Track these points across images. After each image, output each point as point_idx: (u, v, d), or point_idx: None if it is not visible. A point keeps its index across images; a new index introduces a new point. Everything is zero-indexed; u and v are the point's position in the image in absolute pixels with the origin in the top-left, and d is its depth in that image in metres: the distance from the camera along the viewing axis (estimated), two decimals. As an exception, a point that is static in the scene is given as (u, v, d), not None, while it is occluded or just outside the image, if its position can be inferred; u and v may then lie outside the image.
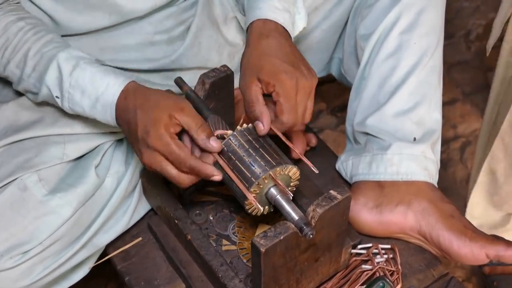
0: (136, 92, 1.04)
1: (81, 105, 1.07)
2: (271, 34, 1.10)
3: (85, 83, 1.05)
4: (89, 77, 1.05)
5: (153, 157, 1.01)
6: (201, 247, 1.13)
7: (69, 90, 1.06)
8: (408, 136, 1.25)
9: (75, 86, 1.06)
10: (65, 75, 1.06)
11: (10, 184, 1.08)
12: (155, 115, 1.00)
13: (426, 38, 1.25)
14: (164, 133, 0.99)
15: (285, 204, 1.01)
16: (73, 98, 1.07)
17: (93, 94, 1.05)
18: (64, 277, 1.17)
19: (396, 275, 1.18)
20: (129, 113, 1.03)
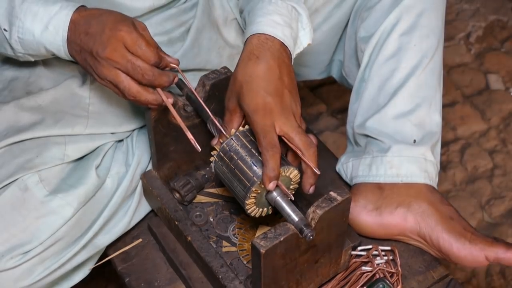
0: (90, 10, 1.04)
1: (32, 31, 1.05)
2: (262, 55, 1.04)
3: (38, 7, 1.04)
4: (42, 2, 1.04)
5: (109, 70, 1.01)
6: (201, 249, 1.13)
7: (20, 17, 1.04)
8: (408, 138, 1.25)
9: (27, 12, 1.04)
10: (18, 3, 1.04)
11: (11, 185, 1.08)
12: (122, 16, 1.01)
13: (426, 40, 1.25)
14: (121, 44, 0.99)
15: (285, 206, 1.01)
16: (24, 25, 1.04)
17: (45, 15, 1.03)
18: (65, 278, 1.17)
19: (396, 277, 1.18)
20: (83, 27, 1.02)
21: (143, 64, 1.00)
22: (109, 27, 1.00)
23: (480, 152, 2.07)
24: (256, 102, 1.01)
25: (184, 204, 1.23)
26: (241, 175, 1.01)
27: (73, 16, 1.03)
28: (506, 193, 1.95)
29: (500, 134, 2.13)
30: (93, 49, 1.01)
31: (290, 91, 1.05)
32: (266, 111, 1.00)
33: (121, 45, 1.00)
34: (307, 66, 1.50)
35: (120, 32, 1.00)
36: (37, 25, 1.04)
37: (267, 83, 1.02)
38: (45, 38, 1.05)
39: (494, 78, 2.34)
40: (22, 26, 1.05)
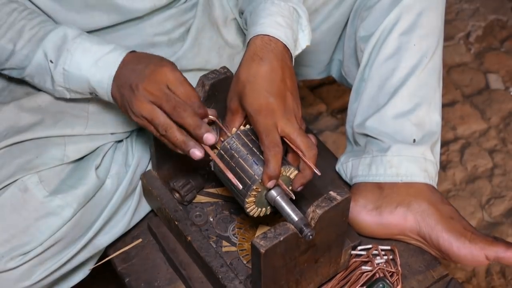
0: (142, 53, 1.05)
1: (79, 64, 1.05)
2: (265, 57, 1.05)
3: (91, 44, 1.06)
4: (96, 41, 1.06)
5: (145, 104, 1.00)
6: (201, 249, 1.13)
7: (71, 50, 1.05)
8: (408, 137, 1.25)
9: (79, 46, 1.05)
10: (70, 37, 1.06)
11: (10, 185, 1.08)
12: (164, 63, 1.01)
13: (426, 40, 1.25)
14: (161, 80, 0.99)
15: (285, 205, 1.01)
16: (73, 57, 1.05)
17: (98, 52, 1.05)
18: (65, 278, 1.17)
19: (396, 276, 1.18)
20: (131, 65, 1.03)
21: (179, 99, 0.99)
22: (153, 63, 1.01)
23: (480, 151, 2.07)
24: (259, 102, 1.01)
25: (184, 204, 1.23)
26: (242, 174, 1.01)
27: (126, 56, 1.04)
28: (506, 193, 1.95)
29: (500, 134, 2.13)
30: (133, 82, 1.01)
31: (292, 93, 1.05)
32: (268, 111, 1.01)
33: (161, 78, 0.99)
34: (307, 66, 1.50)
35: (163, 68, 1.00)
36: (87, 59, 1.05)
37: (270, 84, 1.03)
38: (92, 73, 1.05)
39: (493, 77, 2.34)
40: (71, 59, 1.06)
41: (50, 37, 1.06)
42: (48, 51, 1.07)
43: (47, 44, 1.06)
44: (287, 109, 1.03)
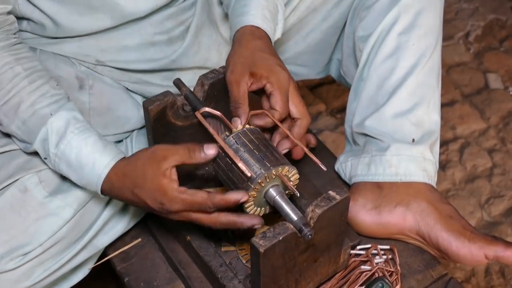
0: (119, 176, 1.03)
1: (68, 175, 1.07)
2: (262, 38, 1.15)
3: (70, 158, 1.05)
4: (74, 153, 1.04)
5: (182, 217, 1.02)
6: (200, 248, 1.13)
7: (55, 159, 1.06)
8: (407, 137, 1.25)
9: (61, 157, 1.05)
10: (52, 146, 1.05)
11: (10, 186, 1.08)
12: (153, 186, 0.99)
13: (425, 39, 1.25)
14: (174, 194, 0.98)
15: (284, 205, 1.01)
16: (60, 167, 1.06)
17: (78, 170, 1.05)
18: (64, 278, 1.17)
19: (395, 276, 1.18)
20: (125, 193, 1.03)
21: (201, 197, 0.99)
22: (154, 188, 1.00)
23: (479, 151, 2.07)
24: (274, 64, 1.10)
25: (183, 204, 1.23)
26: (241, 173, 1.01)
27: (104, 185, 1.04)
28: (505, 192, 1.95)
29: (499, 133, 2.13)
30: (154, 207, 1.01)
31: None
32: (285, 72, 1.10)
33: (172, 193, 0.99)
34: (306, 66, 1.50)
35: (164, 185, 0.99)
36: (72, 174, 1.07)
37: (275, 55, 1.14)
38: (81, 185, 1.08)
39: (493, 77, 2.34)
40: (58, 168, 1.07)
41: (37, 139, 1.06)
42: (39, 149, 1.07)
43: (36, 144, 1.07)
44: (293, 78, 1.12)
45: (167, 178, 0.98)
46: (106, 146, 1.05)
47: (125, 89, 1.29)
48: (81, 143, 1.04)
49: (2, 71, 1.06)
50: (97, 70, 1.25)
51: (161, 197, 0.99)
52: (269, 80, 1.07)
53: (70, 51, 1.21)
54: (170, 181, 0.98)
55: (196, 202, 0.98)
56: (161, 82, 1.29)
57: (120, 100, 1.25)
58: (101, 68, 1.25)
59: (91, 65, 1.24)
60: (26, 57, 1.09)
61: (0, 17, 1.08)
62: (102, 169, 1.03)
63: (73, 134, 1.05)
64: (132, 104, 1.27)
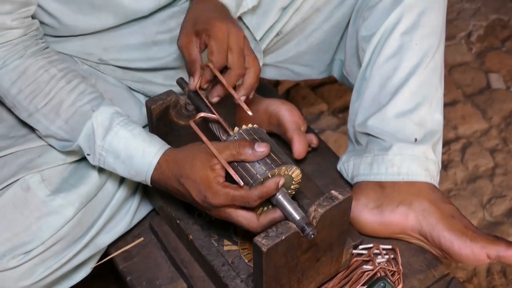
0: (169, 163, 1.04)
1: (114, 168, 1.08)
2: (212, 1, 1.14)
3: (119, 149, 1.06)
4: (123, 144, 1.06)
5: (222, 212, 1.03)
6: (202, 247, 1.13)
7: (102, 153, 1.07)
8: (409, 137, 1.25)
9: (109, 150, 1.07)
10: (98, 139, 1.06)
11: (13, 184, 1.08)
12: (200, 177, 1.00)
13: (428, 39, 1.25)
14: (218, 189, 0.99)
15: (287, 204, 1.01)
16: (106, 160, 1.08)
17: (127, 161, 1.06)
18: (66, 277, 1.17)
19: (397, 276, 1.18)
20: (174, 184, 1.04)
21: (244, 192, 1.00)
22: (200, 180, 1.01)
23: (481, 151, 2.07)
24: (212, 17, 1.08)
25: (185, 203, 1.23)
26: (244, 172, 1.01)
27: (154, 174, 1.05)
28: (507, 192, 1.95)
29: (501, 133, 2.13)
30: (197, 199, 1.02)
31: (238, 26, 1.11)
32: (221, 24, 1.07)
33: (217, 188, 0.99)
34: (308, 66, 1.50)
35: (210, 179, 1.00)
36: (119, 165, 1.08)
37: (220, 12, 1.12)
38: (129, 177, 1.09)
39: (495, 77, 2.34)
40: (104, 161, 1.08)
41: (83, 133, 1.07)
42: (83, 146, 1.09)
43: (81, 140, 1.08)
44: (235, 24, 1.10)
45: (214, 172, 0.99)
46: (152, 137, 1.08)
47: (127, 88, 1.29)
48: (128, 134, 1.06)
49: (38, 74, 1.08)
50: (100, 69, 1.25)
51: (205, 189, 0.99)
52: (207, 33, 1.06)
53: (73, 50, 1.22)
54: (217, 175, 1.00)
55: (239, 195, 0.99)
56: (163, 81, 1.29)
57: (123, 99, 1.25)
58: (104, 67, 1.25)
59: (93, 64, 1.24)
60: (57, 60, 1.12)
61: (27, 21, 1.09)
62: (152, 157, 1.05)
63: (119, 126, 1.06)
64: (135, 103, 1.28)
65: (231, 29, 1.07)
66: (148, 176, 1.06)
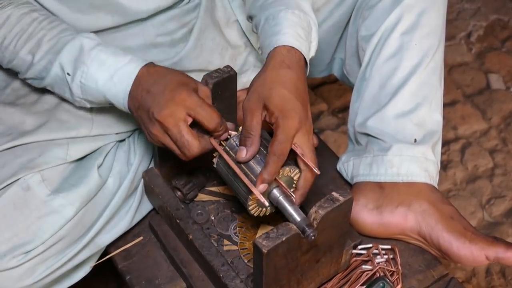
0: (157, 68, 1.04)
1: (95, 78, 1.06)
2: (293, 67, 1.07)
3: (106, 56, 1.05)
4: (111, 52, 1.06)
5: (161, 134, 1.02)
6: (202, 247, 1.13)
7: (87, 62, 1.06)
8: (409, 137, 1.25)
9: (95, 58, 1.05)
10: (86, 49, 1.06)
11: (13, 184, 1.08)
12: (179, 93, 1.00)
13: (427, 39, 1.25)
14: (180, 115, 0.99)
15: (288, 206, 1.01)
16: (89, 70, 1.06)
17: (112, 65, 1.05)
18: (66, 276, 1.17)
19: (396, 276, 1.19)
20: (149, 83, 1.02)
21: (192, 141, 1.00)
22: (169, 89, 1.00)
23: (481, 151, 2.08)
24: (287, 105, 1.02)
25: (185, 203, 1.23)
26: (248, 171, 1.01)
27: (140, 72, 1.04)
28: (506, 193, 1.95)
29: (500, 134, 2.14)
30: (150, 109, 1.01)
31: (308, 107, 1.07)
32: (294, 116, 1.02)
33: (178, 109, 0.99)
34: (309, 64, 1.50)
35: (180, 95, 1.00)
36: (102, 73, 1.06)
37: (297, 91, 1.04)
38: (107, 88, 1.06)
39: (494, 77, 2.34)
40: (87, 72, 1.06)
41: (66, 49, 1.07)
42: (65, 63, 1.07)
43: (64, 57, 1.07)
44: (309, 120, 1.05)
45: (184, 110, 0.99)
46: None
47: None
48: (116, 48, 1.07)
49: (21, 18, 1.09)
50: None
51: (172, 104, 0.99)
52: (277, 121, 1.02)
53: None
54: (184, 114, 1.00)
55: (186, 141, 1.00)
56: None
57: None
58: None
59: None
60: (40, 8, 1.12)
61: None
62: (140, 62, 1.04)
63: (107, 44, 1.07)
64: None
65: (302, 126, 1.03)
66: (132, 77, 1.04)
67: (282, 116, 1.01)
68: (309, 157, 1.03)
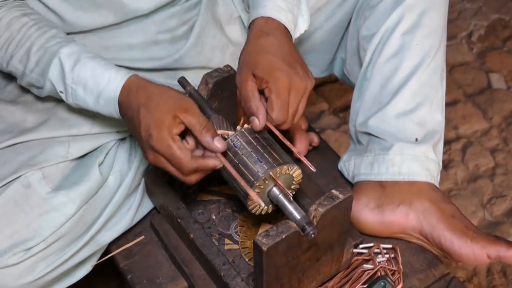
0: (139, 88, 1.04)
1: (85, 100, 1.07)
2: (271, 33, 1.10)
3: (86, 78, 1.05)
4: (90, 72, 1.05)
5: (157, 158, 1.02)
6: (203, 246, 1.13)
7: (72, 86, 1.06)
8: (410, 136, 1.25)
9: (77, 81, 1.06)
10: (67, 71, 1.06)
11: (14, 181, 1.08)
12: (157, 116, 1.00)
13: (429, 39, 1.25)
14: (166, 136, 0.99)
15: (287, 204, 1.01)
16: (76, 93, 1.07)
17: (95, 89, 1.05)
18: (67, 274, 1.18)
19: (397, 275, 1.19)
20: (133, 110, 1.03)
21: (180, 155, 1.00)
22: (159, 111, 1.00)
23: (482, 151, 2.07)
24: (274, 66, 1.05)
25: (186, 202, 1.23)
26: (245, 171, 1.01)
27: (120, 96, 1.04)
28: (507, 192, 1.95)
29: (501, 133, 2.13)
30: (141, 133, 1.01)
31: (301, 65, 1.09)
32: (284, 78, 1.04)
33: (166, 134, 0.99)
34: (310, 64, 1.49)
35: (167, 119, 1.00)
36: (88, 96, 1.07)
37: (281, 53, 1.07)
38: (98, 108, 1.08)
39: (496, 77, 2.34)
40: (75, 95, 1.07)
41: (52, 69, 1.07)
42: (54, 82, 1.08)
43: (52, 75, 1.08)
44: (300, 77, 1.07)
45: (173, 121, 0.99)
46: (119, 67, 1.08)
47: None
48: (95, 64, 1.06)
49: (11, 23, 1.09)
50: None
51: (154, 129, 0.99)
52: (268, 85, 1.04)
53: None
54: (173, 125, 0.99)
55: (177, 157, 0.99)
56: (164, 80, 1.29)
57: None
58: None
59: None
60: (32, 12, 1.13)
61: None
62: (119, 80, 1.04)
63: (88, 58, 1.07)
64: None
65: (293, 84, 1.05)
66: (116, 97, 1.04)
67: (271, 79, 1.04)
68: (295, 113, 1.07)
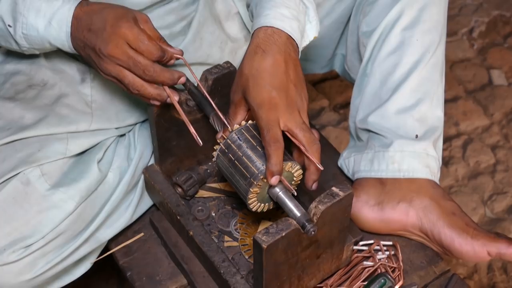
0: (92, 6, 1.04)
1: (36, 27, 1.06)
2: (268, 49, 1.04)
3: (40, 2, 1.05)
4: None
5: (112, 66, 1.02)
6: (203, 243, 1.13)
7: (24, 13, 1.05)
8: (410, 133, 1.25)
9: (30, 7, 1.05)
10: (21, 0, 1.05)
11: (13, 179, 1.08)
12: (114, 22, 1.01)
13: (429, 35, 1.25)
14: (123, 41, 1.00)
15: (287, 201, 1.01)
16: (28, 20, 1.06)
17: (48, 11, 1.05)
18: (66, 272, 1.17)
19: (398, 272, 1.18)
20: (85, 22, 1.03)
21: (144, 61, 1.02)
22: (110, 24, 1.01)
23: (483, 147, 2.07)
24: (262, 96, 1.01)
25: (186, 199, 1.23)
26: (244, 169, 1.01)
27: (76, 11, 1.04)
28: (508, 189, 1.95)
29: (502, 130, 2.13)
30: (95, 46, 1.02)
31: (295, 85, 1.04)
32: (271, 105, 1.00)
33: (122, 41, 1.01)
34: (310, 60, 1.50)
35: (121, 29, 1.01)
36: (40, 20, 1.05)
37: (272, 77, 1.02)
38: (49, 34, 1.06)
39: (496, 73, 2.34)
40: (26, 22, 1.06)
41: (3, 2, 1.06)
42: (4, 16, 1.07)
43: (2, 8, 1.07)
44: (290, 102, 1.02)
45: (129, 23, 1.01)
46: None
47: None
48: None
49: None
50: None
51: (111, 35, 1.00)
52: (255, 114, 1.01)
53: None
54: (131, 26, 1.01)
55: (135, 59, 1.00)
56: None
57: (122, 94, 1.25)
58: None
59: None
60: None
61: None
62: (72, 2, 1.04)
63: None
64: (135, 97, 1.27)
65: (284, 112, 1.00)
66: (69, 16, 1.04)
67: (259, 108, 1.00)
68: (301, 136, 1.02)
